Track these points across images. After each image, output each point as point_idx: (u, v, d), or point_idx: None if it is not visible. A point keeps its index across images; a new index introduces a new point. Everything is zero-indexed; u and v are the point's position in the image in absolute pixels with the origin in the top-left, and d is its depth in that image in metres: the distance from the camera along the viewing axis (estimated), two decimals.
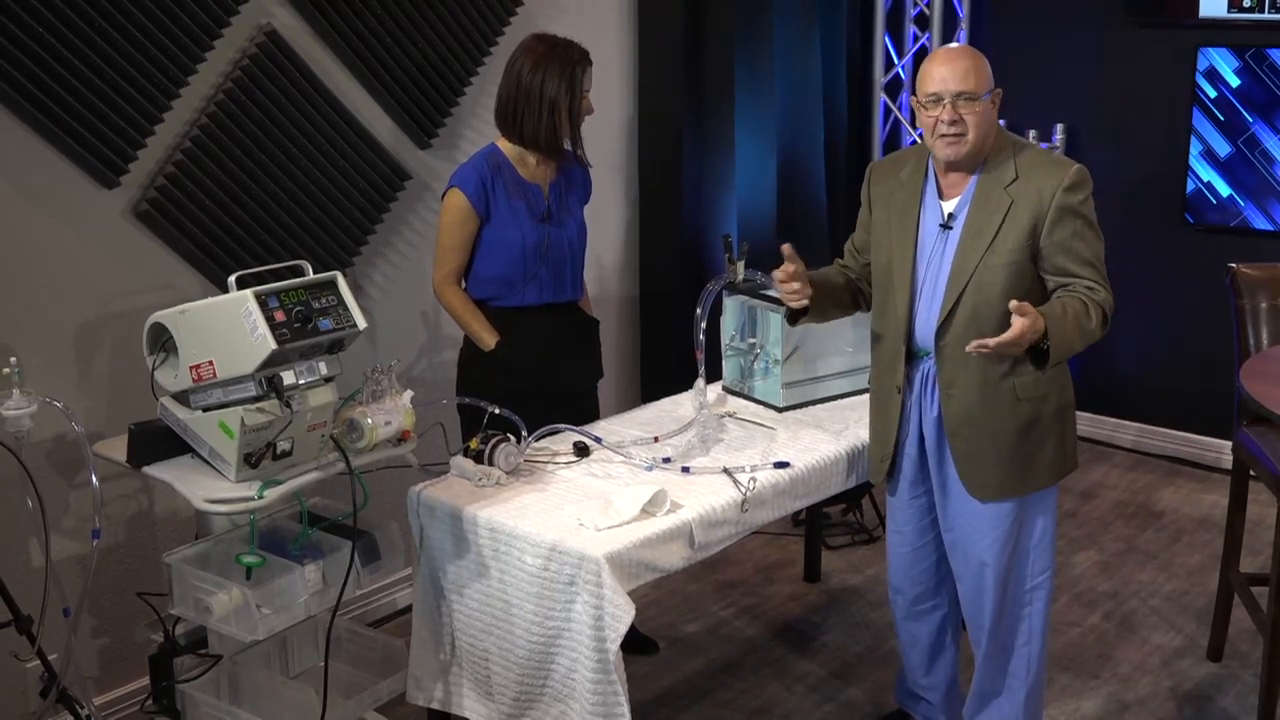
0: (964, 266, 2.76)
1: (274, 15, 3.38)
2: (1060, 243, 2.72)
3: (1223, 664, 3.64)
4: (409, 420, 2.82)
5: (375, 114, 3.66)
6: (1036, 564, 2.92)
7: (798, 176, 4.94)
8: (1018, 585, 2.93)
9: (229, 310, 2.55)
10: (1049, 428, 2.83)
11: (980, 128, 2.73)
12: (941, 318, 2.80)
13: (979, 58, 2.75)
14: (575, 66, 3.21)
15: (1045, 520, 2.92)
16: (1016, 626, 2.96)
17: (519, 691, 2.79)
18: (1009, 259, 2.73)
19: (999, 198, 2.74)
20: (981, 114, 2.72)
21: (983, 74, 2.73)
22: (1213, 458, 5.05)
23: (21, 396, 2.62)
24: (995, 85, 2.75)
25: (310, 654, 3.05)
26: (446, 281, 3.30)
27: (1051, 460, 2.86)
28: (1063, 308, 2.68)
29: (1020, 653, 2.97)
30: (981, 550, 2.90)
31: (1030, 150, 2.80)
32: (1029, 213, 2.71)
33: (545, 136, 3.23)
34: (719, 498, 2.83)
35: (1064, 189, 2.71)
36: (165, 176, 3.19)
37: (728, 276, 3.37)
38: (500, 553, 2.75)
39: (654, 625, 3.88)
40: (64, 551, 3.11)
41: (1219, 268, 3.70)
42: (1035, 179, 2.73)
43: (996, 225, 2.73)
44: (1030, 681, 2.99)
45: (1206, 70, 4.80)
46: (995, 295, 2.73)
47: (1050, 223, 2.71)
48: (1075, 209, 2.71)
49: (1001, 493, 2.84)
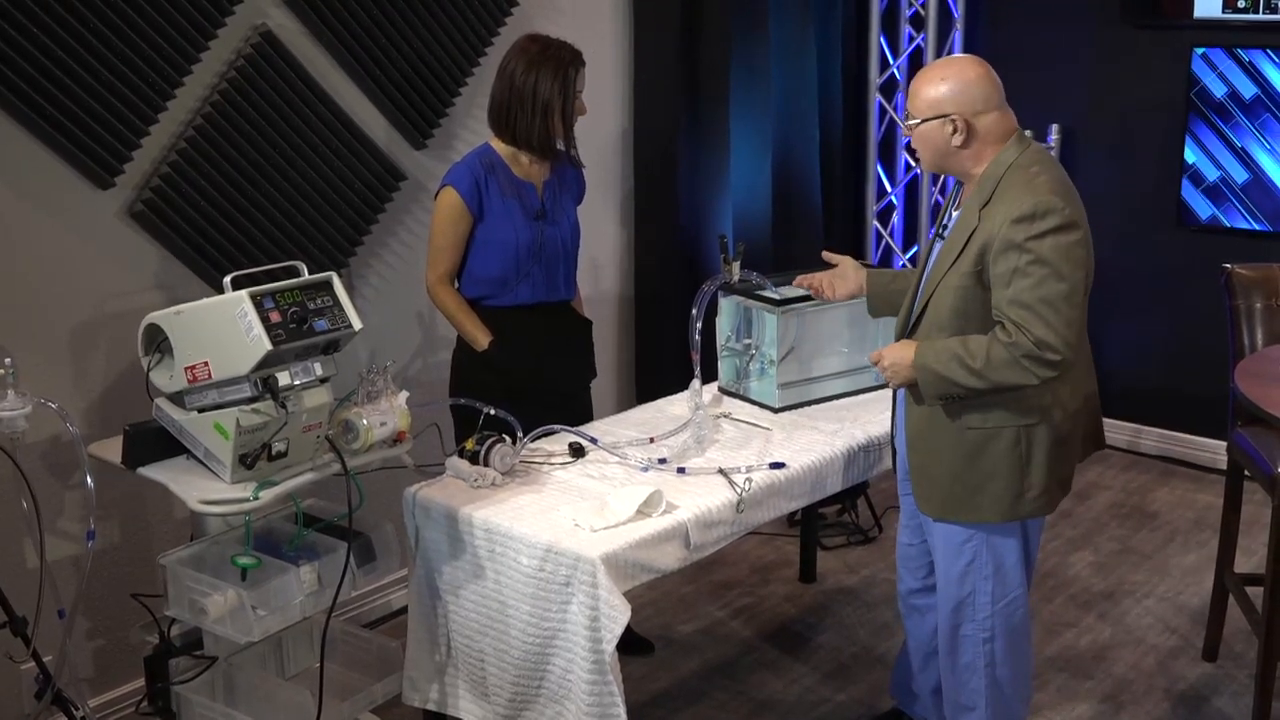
0: (933, 279, 2.76)
1: (269, 16, 3.38)
2: (1000, 276, 2.60)
3: (1218, 664, 3.64)
4: (404, 421, 2.81)
5: (370, 114, 3.66)
6: (995, 592, 2.83)
7: (793, 177, 4.94)
8: (972, 609, 2.86)
9: (224, 311, 2.55)
10: (999, 462, 2.72)
11: (925, 149, 2.72)
12: (910, 327, 2.82)
13: (934, 81, 2.69)
14: (568, 67, 3.21)
15: (1003, 554, 2.81)
16: (974, 648, 2.89)
17: (515, 692, 2.79)
18: (960, 282, 2.68)
19: (971, 218, 2.69)
20: (920, 135, 2.71)
21: (924, 97, 2.68)
22: (1208, 458, 5.05)
23: (16, 397, 2.61)
24: (1005, 94, 2.68)
25: (306, 655, 3.05)
26: (440, 281, 3.30)
27: (1000, 496, 2.73)
28: (944, 344, 2.66)
29: (981, 673, 2.90)
30: (937, 560, 2.91)
31: (1019, 174, 2.66)
32: (982, 239, 2.64)
33: (538, 137, 3.23)
34: (714, 498, 2.83)
35: (1011, 220, 2.57)
36: (160, 177, 3.19)
37: (723, 277, 3.37)
38: (496, 553, 2.75)
39: (649, 626, 3.88)
40: (59, 553, 3.11)
41: (1214, 268, 3.71)
42: (1000, 206, 2.63)
43: (961, 245, 2.68)
44: (996, 704, 2.92)
45: (1201, 71, 4.81)
46: (945, 314, 2.71)
47: (995, 253, 2.60)
48: (1019, 244, 2.56)
49: (944, 512, 2.81)
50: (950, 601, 2.88)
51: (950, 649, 2.93)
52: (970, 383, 2.63)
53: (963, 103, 2.67)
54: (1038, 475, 2.74)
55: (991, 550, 2.82)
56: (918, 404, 2.80)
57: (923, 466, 2.83)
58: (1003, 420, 2.70)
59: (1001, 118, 2.71)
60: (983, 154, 2.71)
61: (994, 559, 2.82)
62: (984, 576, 2.84)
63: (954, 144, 2.69)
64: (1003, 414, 2.70)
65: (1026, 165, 2.66)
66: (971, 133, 2.68)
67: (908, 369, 2.73)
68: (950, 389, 2.67)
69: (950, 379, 2.65)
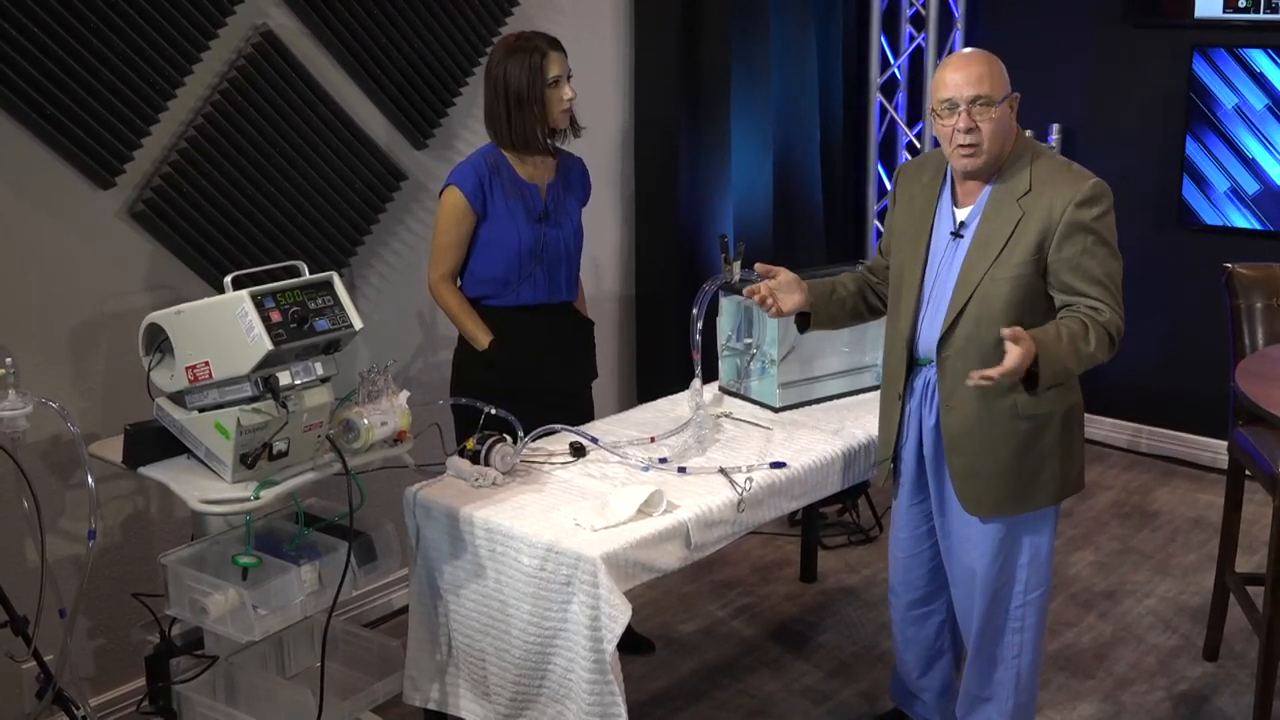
0: (970, 277, 2.73)
1: (270, 16, 3.38)
2: (1068, 259, 2.65)
3: (1218, 664, 3.65)
4: (405, 421, 2.81)
5: (371, 114, 3.66)
6: (1030, 581, 2.87)
7: (794, 177, 4.94)
8: (1008, 600, 2.88)
9: (225, 311, 2.55)
10: (1050, 447, 2.77)
11: (996, 135, 2.68)
12: (945, 328, 2.77)
13: (993, 62, 2.70)
14: (534, 54, 3.17)
15: (1040, 539, 2.86)
16: (1005, 639, 2.91)
17: (515, 692, 2.79)
18: (1014, 273, 2.68)
19: (1010, 209, 2.69)
20: (997, 120, 2.67)
21: (998, 78, 2.68)
22: (1209, 458, 5.05)
23: (17, 397, 2.61)
24: (1012, 89, 2.70)
25: (306, 655, 3.05)
26: (442, 280, 3.30)
27: (1051, 481, 2.80)
28: (1057, 331, 2.62)
29: (1009, 665, 2.92)
30: (972, 560, 2.89)
31: (1048, 160, 2.72)
32: (1038, 227, 2.65)
33: (517, 131, 3.21)
34: (715, 498, 2.83)
35: (1076, 204, 2.64)
36: (161, 177, 3.19)
37: (724, 276, 3.37)
38: (497, 553, 2.75)
39: (650, 625, 3.88)
40: (60, 552, 3.11)
41: (1215, 268, 3.71)
42: (1048, 192, 2.66)
43: (1005, 237, 2.68)
44: (1019, 694, 2.94)
45: (1202, 70, 4.81)
46: (999, 309, 2.69)
47: (1059, 238, 2.64)
48: (1087, 225, 2.64)
49: (997, 510, 2.81)
50: (987, 596, 2.88)
51: (982, 642, 2.93)
52: (1078, 368, 2.66)
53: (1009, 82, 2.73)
54: (1078, 451, 2.85)
55: (1031, 539, 2.86)
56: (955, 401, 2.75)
57: (971, 467, 2.80)
58: (1053, 403, 2.76)
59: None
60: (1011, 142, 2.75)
61: (1031, 547, 2.86)
62: (1021, 565, 2.87)
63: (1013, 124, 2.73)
64: (1052, 396, 2.74)
65: (1042, 153, 2.75)
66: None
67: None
68: (1062, 377, 2.67)
69: (1067, 368, 2.64)
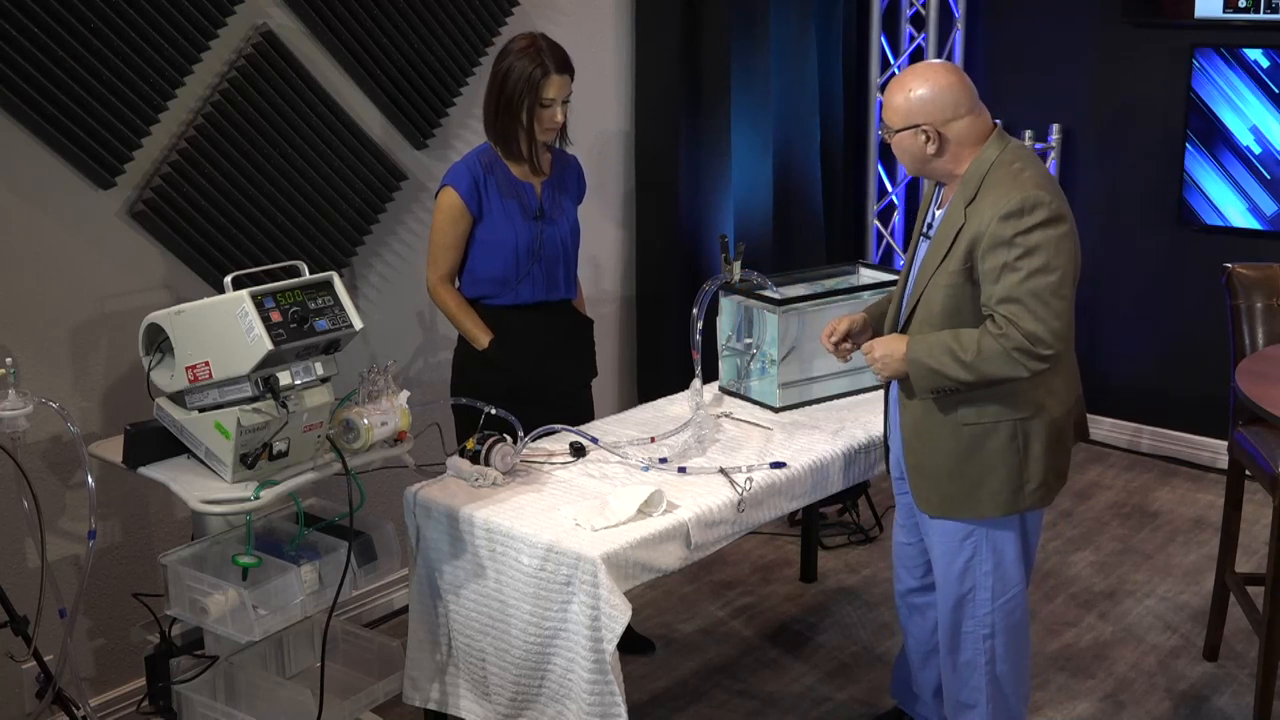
0: (921, 279, 2.76)
1: (270, 16, 3.38)
2: (989, 272, 2.62)
3: (1218, 664, 3.65)
4: (405, 421, 2.82)
5: (371, 114, 3.66)
6: (995, 588, 2.84)
7: (794, 177, 4.94)
8: (972, 605, 2.87)
9: (225, 311, 2.55)
10: (996, 457, 2.73)
11: (904, 158, 2.74)
12: (900, 327, 2.82)
13: (903, 91, 2.68)
14: (538, 69, 3.14)
15: (1003, 547, 2.81)
16: (974, 644, 2.89)
17: (515, 692, 2.79)
18: (949, 280, 2.68)
19: (957, 216, 2.69)
20: (897, 145, 2.73)
21: (895, 108, 2.69)
22: (1208, 458, 5.05)
23: (17, 397, 2.61)
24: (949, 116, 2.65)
25: (306, 655, 3.05)
26: (440, 280, 3.30)
27: (1001, 491, 2.74)
28: (939, 337, 2.67)
29: (981, 671, 2.90)
30: (934, 560, 2.91)
31: (1003, 168, 2.67)
32: (970, 235, 2.64)
33: (500, 130, 3.21)
34: (715, 498, 2.84)
35: (1000, 216, 2.59)
36: (161, 177, 3.19)
37: (724, 276, 3.38)
38: (497, 553, 2.75)
39: (650, 625, 3.88)
40: (60, 552, 3.11)
41: (1214, 268, 3.71)
42: (987, 201, 2.64)
43: (949, 243, 2.69)
44: (996, 701, 2.92)
45: (1202, 70, 4.81)
46: (936, 313, 2.72)
47: (984, 249, 2.62)
48: (1008, 239, 2.58)
49: (944, 510, 2.81)
50: (950, 599, 2.88)
51: (951, 646, 2.93)
52: (961, 375, 2.64)
53: (932, 112, 2.67)
54: (1035, 468, 2.75)
55: (991, 546, 2.82)
56: (909, 398, 2.80)
57: (919, 465, 2.83)
58: (999, 414, 2.71)
59: (975, 120, 2.70)
60: (961, 156, 2.71)
61: (994, 555, 2.83)
62: (984, 573, 2.84)
63: (929, 152, 2.70)
64: (998, 408, 2.71)
65: (1009, 162, 2.67)
66: (944, 140, 2.69)
67: (899, 361, 2.73)
68: (941, 382, 2.67)
69: (941, 371, 2.66)
